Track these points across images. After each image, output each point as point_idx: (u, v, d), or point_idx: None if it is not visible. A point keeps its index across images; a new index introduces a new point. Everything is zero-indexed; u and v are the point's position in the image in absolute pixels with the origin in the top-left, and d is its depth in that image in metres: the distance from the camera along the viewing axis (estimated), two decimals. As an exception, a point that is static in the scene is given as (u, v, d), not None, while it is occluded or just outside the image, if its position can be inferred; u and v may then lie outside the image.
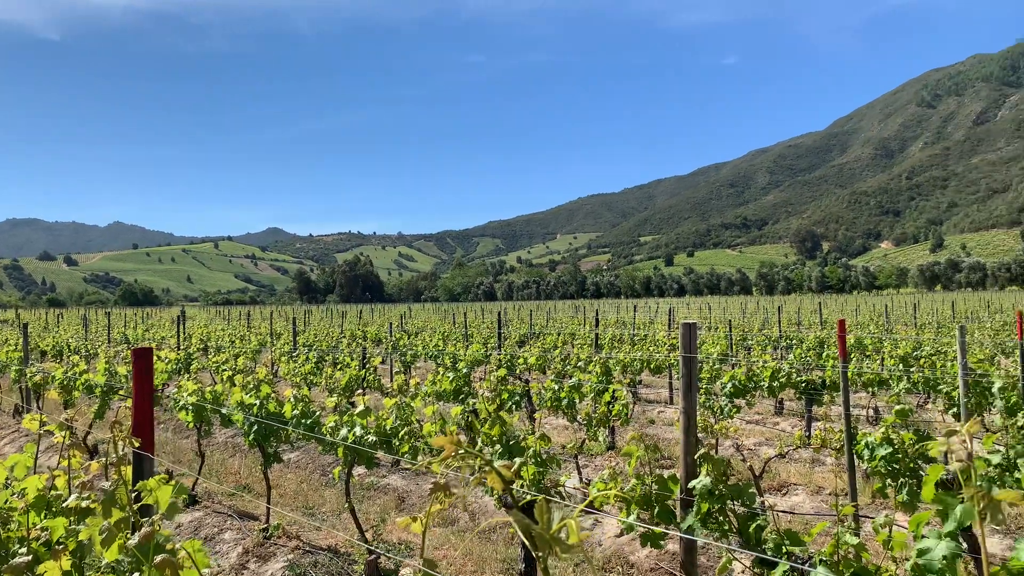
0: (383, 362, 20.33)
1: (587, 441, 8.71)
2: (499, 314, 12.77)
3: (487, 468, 1.04)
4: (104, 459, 2.58)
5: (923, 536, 3.04)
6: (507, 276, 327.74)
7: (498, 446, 4.98)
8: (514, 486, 4.24)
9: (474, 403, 6.08)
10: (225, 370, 12.22)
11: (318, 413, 6.88)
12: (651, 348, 17.07)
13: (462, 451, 1.03)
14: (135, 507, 2.18)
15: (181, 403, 7.96)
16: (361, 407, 5.86)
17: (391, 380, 15.09)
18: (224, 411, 7.64)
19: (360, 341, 21.67)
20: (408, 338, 22.26)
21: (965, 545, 5.57)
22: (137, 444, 2.63)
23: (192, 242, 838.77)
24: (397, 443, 5.75)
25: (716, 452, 10.03)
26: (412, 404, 5.91)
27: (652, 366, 15.49)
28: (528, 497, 4.86)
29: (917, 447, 5.00)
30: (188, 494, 8.32)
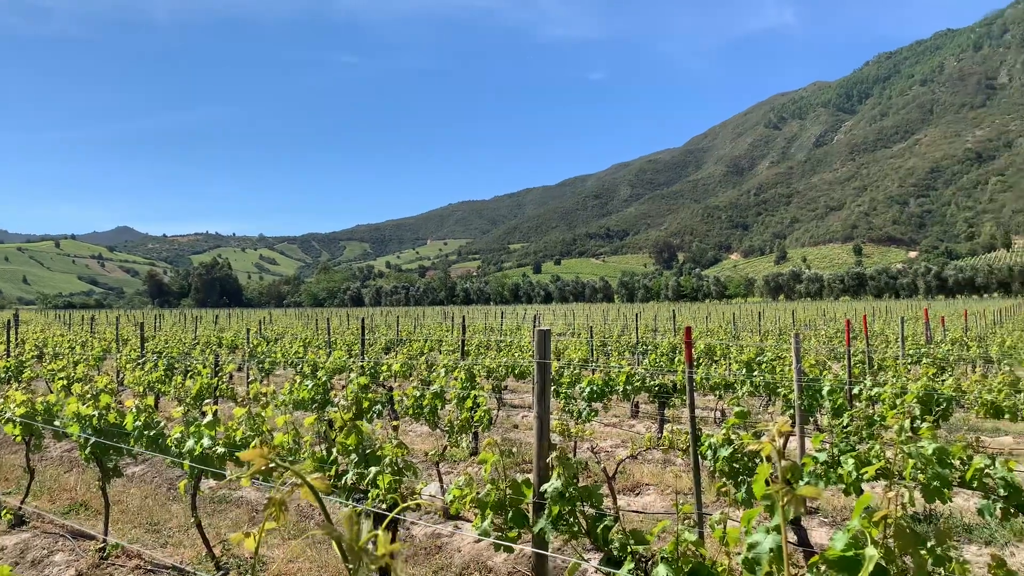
0: (239, 370, 19.52)
1: (449, 447, 8.71)
2: (363, 320, 12.56)
3: (299, 481, 1.02)
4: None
5: (754, 531, 3.27)
6: (376, 281, 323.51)
7: (354, 455, 4.89)
8: (371, 495, 4.15)
9: (334, 412, 5.94)
10: (61, 379, 11.33)
11: (163, 424, 6.50)
12: (516, 354, 17.34)
13: (273, 464, 1.00)
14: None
15: (7, 415, 7.29)
16: (209, 417, 5.59)
17: (248, 389, 14.49)
18: (57, 423, 7.07)
19: (215, 348, 20.68)
20: (267, 344, 21.44)
21: (795, 537, 6.01)
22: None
23: (29, 240, 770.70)
24: (248, 454, 5.53)
25: (574, 454, 10.30)
26: (264, 414, 5.70)
27: (517, 372, 15.71)
28: (384, 506, 4.80)
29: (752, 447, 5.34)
30: (14, 514, 7.63)
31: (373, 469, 4.65)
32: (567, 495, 3.76)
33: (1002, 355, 16.07)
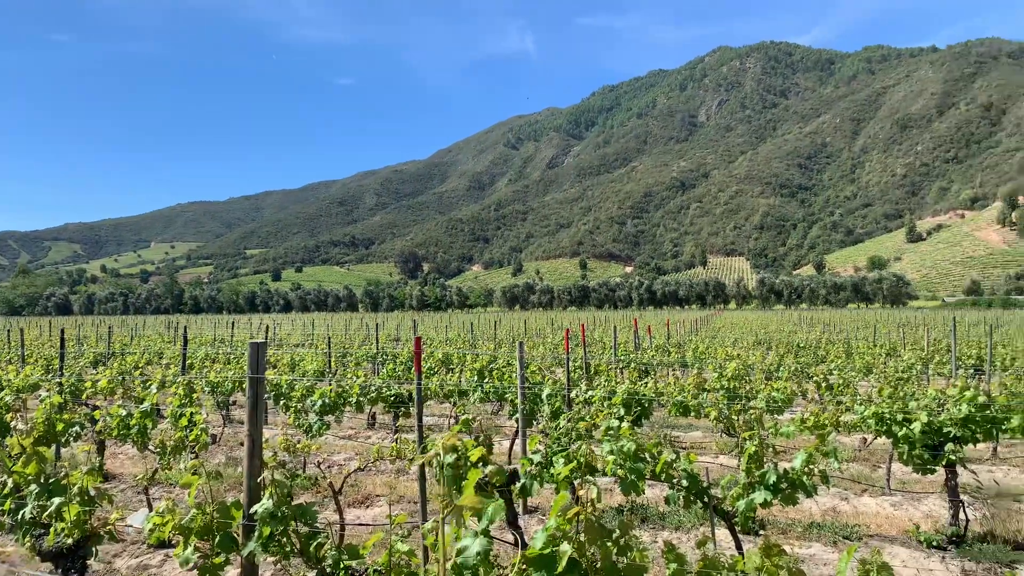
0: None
1: (160, 470, 8.00)
2: (62, 330, 11.13)
3: None
4: None
5: (464, 536, 3.38)
6: (88, 287, 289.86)
7: (34, 486, 4.30)
8: (55, 529, 3.65)
9: (13, 437, 5.16)
10: None
11: None
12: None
13: None
14: None
15: None
16: None
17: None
18: None
19: None
20: (-60, 360, 18.21)
21: (512, 538, 6.32)
22: None
23: None
24: None
25: (304, 470, 9.98)
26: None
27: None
28: (71, 540, 4.27)
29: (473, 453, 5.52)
30: None
31: (57, 500, 4.12)
32: (279, 515, 3.62)
33: (694, 360, 18.36)
